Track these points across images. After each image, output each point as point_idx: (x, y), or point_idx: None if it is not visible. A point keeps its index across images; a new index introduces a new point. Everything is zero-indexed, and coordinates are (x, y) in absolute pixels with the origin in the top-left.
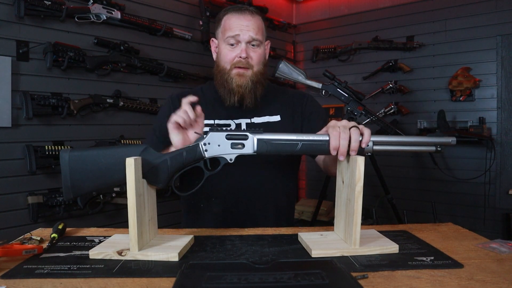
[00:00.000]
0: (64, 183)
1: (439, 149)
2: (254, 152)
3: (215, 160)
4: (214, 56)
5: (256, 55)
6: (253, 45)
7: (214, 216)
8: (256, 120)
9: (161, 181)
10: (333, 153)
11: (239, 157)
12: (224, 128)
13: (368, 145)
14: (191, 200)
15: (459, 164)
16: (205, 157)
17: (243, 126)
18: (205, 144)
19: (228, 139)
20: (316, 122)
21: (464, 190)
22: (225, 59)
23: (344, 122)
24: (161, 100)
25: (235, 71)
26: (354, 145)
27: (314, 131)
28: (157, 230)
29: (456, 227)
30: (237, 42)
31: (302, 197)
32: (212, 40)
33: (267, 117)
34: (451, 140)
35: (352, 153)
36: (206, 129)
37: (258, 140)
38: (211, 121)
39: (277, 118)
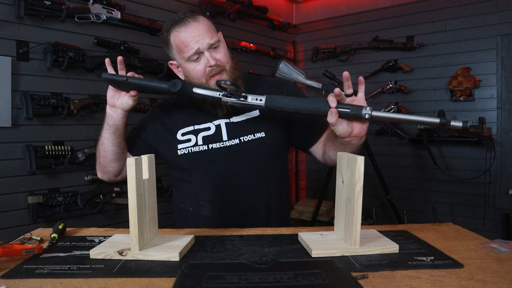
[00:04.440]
0: None
1: (443, 121)
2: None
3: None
4: (182, 77)
5: (222, 55)
6: (214, 48)
7: (204, 219)
8: (235, 119)
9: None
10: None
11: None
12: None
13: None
14: (180, 204)
15: (459, 164)
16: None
17: (223, 127)
18: None
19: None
20: None
21: (464, 190)
22: (197, 76)
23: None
24: (161, 100)
25: (212, 81)
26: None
27: None
28: (157, 230)
29: (456, 227)
30: (199, 54)
31: (302, 197)
32: (171, 63)
33: (246, 114)
34: (460, 123)
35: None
36: (190, 129)
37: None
38: (191, 127)
39: (256, 113)
